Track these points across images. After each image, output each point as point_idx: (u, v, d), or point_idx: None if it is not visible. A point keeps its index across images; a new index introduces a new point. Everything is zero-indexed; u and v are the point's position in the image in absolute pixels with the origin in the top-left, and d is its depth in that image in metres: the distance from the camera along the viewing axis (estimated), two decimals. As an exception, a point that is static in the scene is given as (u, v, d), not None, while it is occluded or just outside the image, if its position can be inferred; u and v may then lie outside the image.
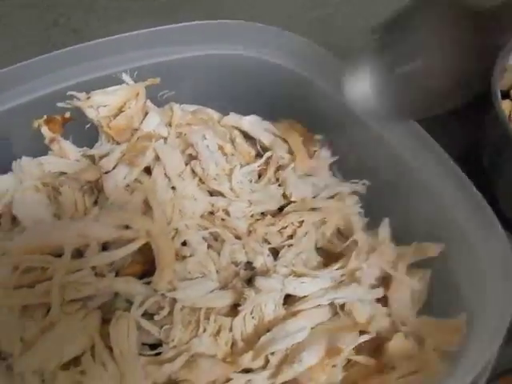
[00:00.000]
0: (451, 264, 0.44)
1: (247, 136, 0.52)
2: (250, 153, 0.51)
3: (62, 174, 0.47)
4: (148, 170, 0.46)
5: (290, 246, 0.47)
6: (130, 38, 0.47)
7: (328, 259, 0.48)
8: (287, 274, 0.44)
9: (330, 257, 0.48)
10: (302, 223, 0.48)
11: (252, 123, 0.52)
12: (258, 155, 0.51)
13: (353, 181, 0.50)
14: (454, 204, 0.43)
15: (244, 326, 0.42)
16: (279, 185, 0.49)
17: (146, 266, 0.44)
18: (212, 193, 0.48)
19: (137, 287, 0.42)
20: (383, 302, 0.45)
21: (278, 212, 0.50)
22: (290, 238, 0.48)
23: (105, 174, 0.44)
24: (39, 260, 0.39)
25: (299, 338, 0.41)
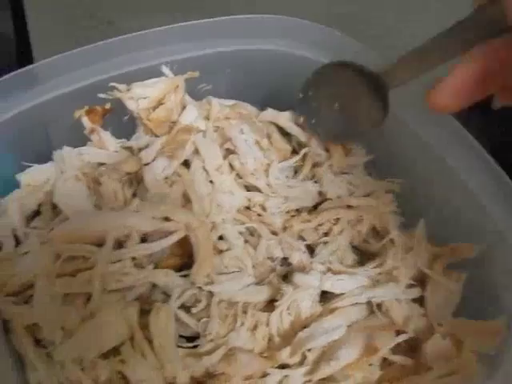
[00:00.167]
0: (488, 265, 0.43)
1: (283, 132, 0.51)
2: (286, 149, 0.50)
3: (100, 164, 0.47)
4: (186, 163, 0.46)
5: (325, 244, 0.47)
6: (170, 31, 0.47)
7: (363, 257, 0.48)
8: (324, 271, 0.44)
9: (364, 255, 0.48)
10: (337, 221, 0.48)
11: (289, 119, 0.51)
12: (294, 151, 0.51)
13: (388, 179, 0.50)
14: (492, 203, 0.43)
15: (280, 322, 0.42)
16: (315, 181, 0.49)
17: (184, 259, 0.44)
18: (248, 188, 0.48)
19: (175, 280, 0.42)
20: (419, 302, 0.44)
21: (312, 209, 0.50)
22: (325, 235, 0.48)
23: (145, 165, 0.44)
24: (81, 249, 0.39)
25: (336, 336, 0.41)
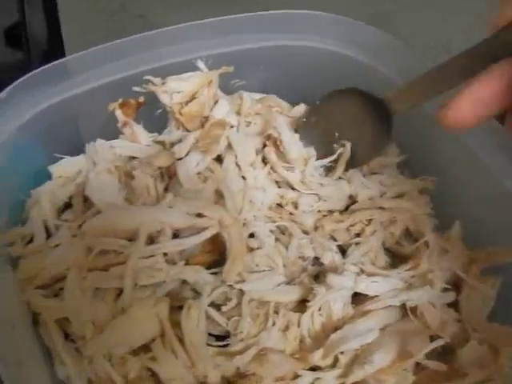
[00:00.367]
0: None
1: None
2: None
3: (131, 158, 0.46)
4: (218, 159, 0.46)
5: (357, 244, 0.46)
6: (207, 25, 0.47)
7: (394, 260, 0.47)
8: (357, 272, 0.43)
9: (396, 257, 0.47)
10: (370, 222, 0.47)
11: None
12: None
13: (421, 177, 0.49)
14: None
15: (311, 323, 0.41)
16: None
17: (214, 256, 0.43)
18: (280, 185, 0.47)
19: (205, 277, 0.41)
20: (453, 306, 0.43)
21: (343, 210, 0.49)
22: (356, 236, 0.47)
23: (178, 160, 0.43)
24: (114, 243, 0.39)
25: (369, 339, 0.40)
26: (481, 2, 0.71)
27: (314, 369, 0.40)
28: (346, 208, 0.48)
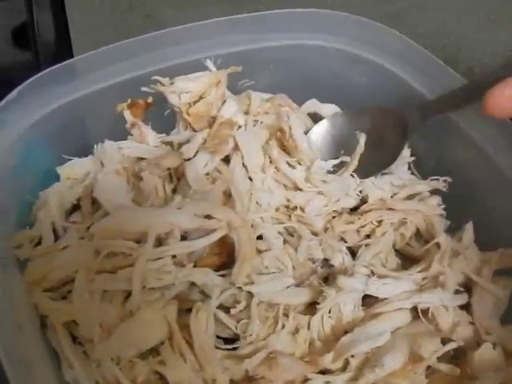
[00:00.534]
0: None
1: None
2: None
3: (139, 159, 0.46)
4: (226, 159, 0.45)
5: (367, 246, 0.45)
6: (215, 25, 0.46)
7: (405, 261, 0.47)
8: (367, 274, 0.43)
9: (406, 259, 0.47)
10: (380, 223, 0.46)
11: (332, 110, 0.50)
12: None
13: (432, 178, 0.48)
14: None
15: (321, 326, 0.41)
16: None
17: (222, 258, 0.43)
18: (287, 188, 0.47)
19: (214, 279, 0.41)
20: (465, 309, 0.43)
21: (352, 210, 0.48)
22: (366, 237, 0.46)
23: (186, 161, 0.43)
24: (122, 246, 0.38)
25: (380, 342, 0.39)
26: (494, 1, 0.70)
27: (324, 372, 0.39)
28: (356, 208, 0.48)
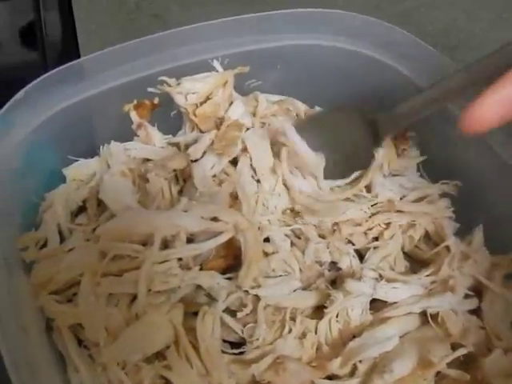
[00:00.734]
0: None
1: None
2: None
3: (145, 160, 0.46)
4: (233, 161, 0.45)
5: (375, 249, 0.45)
6: (222, 25, 0.46)
7: (413, 264, 0.46)
8: (376, 278, 0.42)
9: (415, 262, 0.46)
10: (388, 225, 0.45)
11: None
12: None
13: (443, 181, 0.47)
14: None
15: (329, 330, 0.41)
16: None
17: (229, 261, 0.42)
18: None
19: (221, 282, 0.40)
20: (476, 313, 0.42)
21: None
22: (374, 240, 0.46)
23: (193, 162, 0.42)
24: (128, 248, 0.38)
25: (389, 347, 0.39)
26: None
27: (331, 377, 0.39)
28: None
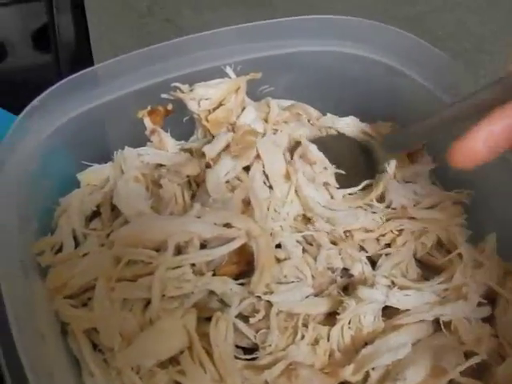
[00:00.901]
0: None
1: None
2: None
3: (158, 166, 0.46)
4: (246, 167, 0.45)
5: (387, 255, 0.45)
6: (235, 32, 0.46)
7: (425, 271, 0.46)
8: (388, 285, 0.42)
9: (426, 269, 0.46)
10: (401, 232, 0.46)
11: (349, 125, 0.50)
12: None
13: (456, 190, 0.47)
14: None
15: (341, 337, 0.41)
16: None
17: (241, 267, 0.42)
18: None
19: (233, 288, 0.41)
20: (489, 321, 0.42)
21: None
22: (387, 246, 0.46)
23: (207, 168, 0.42)
24: (142, 254, 0.38)
25: (401, 354, 0.39)
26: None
27: (343, 384, 0.39)
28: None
